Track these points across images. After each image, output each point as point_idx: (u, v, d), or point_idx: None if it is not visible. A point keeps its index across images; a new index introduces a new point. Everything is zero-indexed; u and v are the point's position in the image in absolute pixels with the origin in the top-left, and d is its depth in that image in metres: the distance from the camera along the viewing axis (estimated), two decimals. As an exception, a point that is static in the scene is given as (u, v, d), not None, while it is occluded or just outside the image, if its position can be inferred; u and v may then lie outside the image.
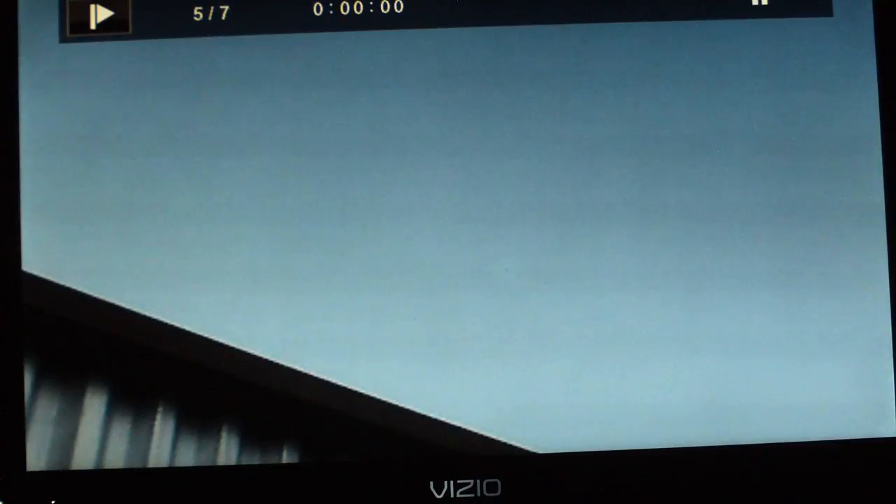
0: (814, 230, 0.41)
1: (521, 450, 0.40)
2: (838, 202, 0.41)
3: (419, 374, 0.40)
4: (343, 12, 0.41)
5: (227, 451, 0.40)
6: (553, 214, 0.41)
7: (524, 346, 0.40)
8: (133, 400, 0.40)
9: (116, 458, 0.40)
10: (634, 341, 0.40)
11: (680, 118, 0.41)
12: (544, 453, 0.40)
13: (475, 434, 0.40)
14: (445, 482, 0.40)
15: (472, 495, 0.40)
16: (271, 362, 0.40)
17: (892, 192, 0.41)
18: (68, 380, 0.40)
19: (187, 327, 0.40)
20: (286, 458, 0.40)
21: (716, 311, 0.40)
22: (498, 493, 0.40)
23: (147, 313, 0.40)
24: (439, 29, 0.41)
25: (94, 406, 0.40)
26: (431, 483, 0.40)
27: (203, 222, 0.40)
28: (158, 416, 0.40)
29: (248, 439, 0.40)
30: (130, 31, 0.41)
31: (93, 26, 0.41)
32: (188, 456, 0.40)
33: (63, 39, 0.41)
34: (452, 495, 0.40)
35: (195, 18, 0.41)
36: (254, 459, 0.40)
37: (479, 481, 0.40)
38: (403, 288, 0.40)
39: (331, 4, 0.41)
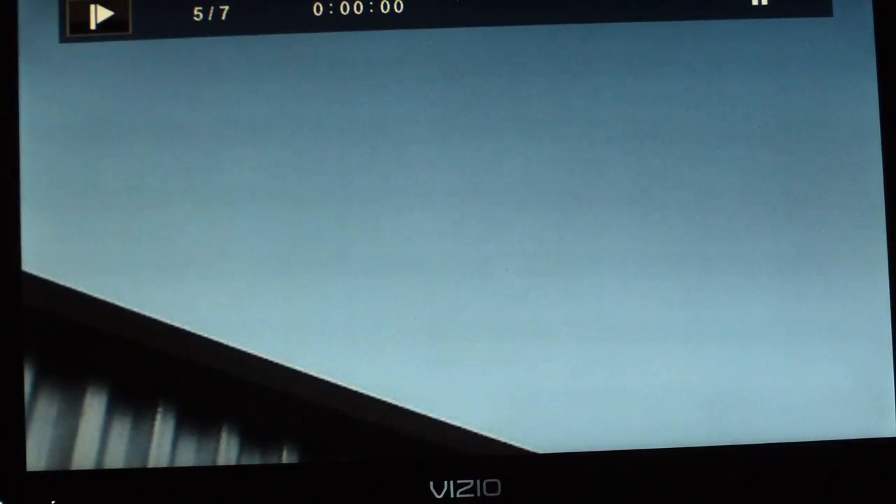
0: (814, 231, 0.41)
1: (521, 450, 0.40)
2: (838, 203, 0.41)
3: (419, 374, 0.40)
4: (343, 12, 0.41)
5: (227, 451, 0.40)
6: (553, 214, 0.41)
7: (524, 346, 0.40)
8: (133, 400, 0.40)
9: (116, 458, 0.40)
10: (634, 343, 0.40)
11: (680, 118, 0.41)
12: (544, 453, 0.40)
13: (475, 434, 0.40)
14: (445, 482, 0.40)
15: (472, 495, 0.40)
16: (271, 362, 0.40)
17: (891, 192, 0.41)
18: (68, 380, 0.40)
19: (187, 327, 0.40)
20: (286, 458, 0.40)
21: (716, 312, 0.40)
22: (498, 493, 0.40)
23: (147, 313, 0.40)
24: (439, 29, 0.41)
25: (94, 406, 0.40)
26: (431, 483, 0.40)
27: (203, 222, 0.40)
28: (158, 416, 0.40)
29: (248, 439, 0.40)
30: (130, 31, 0.41)
31: (93, 26, 0.41)
32: (188, 456, 0.40)
33: (63, 39, 0.41)
34: (452, 495, 0.40)
35: (195, 18, 0.41)
36: (254, 459, 0.40)
37: (479, 481, 0.40)
38: (403, 288, 0.40)
39: (331, 4, 0.41)
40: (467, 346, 0.40)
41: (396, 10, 0.41)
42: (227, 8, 0.41)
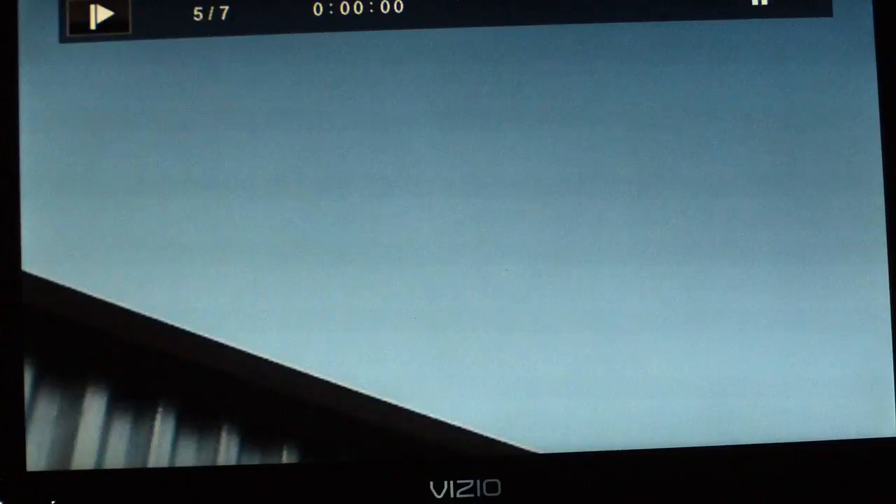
0: (814, 233, 0.41)
1: (521, 450, 0.40)
2: (838, 203, 0.41)
3: (419, 374, 0.40)
4: (343, 12, 0.41)
5: (227, 451, 0.40)
6: (553, 216, 0.41)
7: (524, 346, 0.40)
8: (133, 400, 0.40)
9: (116, 458, 0.40)
10: (634, 344, 0.40)
11: (680, 118, 0.41)
12: (544, 453, 0.40)
13: (475, 434, 0.40)
14: (445, 482, 0.40)
15: (472, 495, 0.40)
16: (271, 362, 0.40)
17: (892, 192, 0.41)
18: (68, 380, 0.40)
19: (186, 325, 0.40)
20: (286, 458, 0.40)
21: (716, 312, 0.40)
22: (498, 493, 0.40)
23: (146, 312, 0.40)
24: (439, 29, 0.41)
25: (94, 406, 0.40)
26: (431, 483, 0.40)
27: (203, 222, 0.40)
28: (158, 416, 0.40)
29: (248, 439, 0.40)
30: (130, 31, 0.41)
31: (93, 26, 0.41)
32: (188, 456, 0.40)
33: (63, 39, 0.41)
34: (452, 495, 0.40)
35: (195, 18, 0.41)
36: (254, 459, 0.40)
37: (479, 481, 0.40)
38: (403, 289, 0.40)
39: (331, 4, 0.41)
40: (467, 346, 0.40)
41: (396, 10, 0.41)
42: (227, 8, 0.41)
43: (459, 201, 0.41)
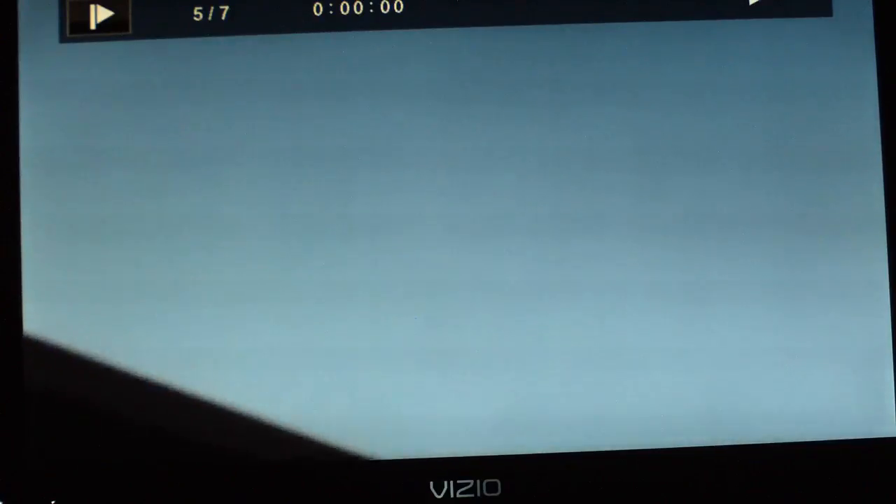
0: (813, 235, 0.41)
1: (520, 450, 0.40)
2: (838, 206, 0.41)
3: (418, 372, 0.40)
4: (343, 12, 0.41)
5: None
6: (552, 221, 0.41)
7: (524, 345, 0.40)
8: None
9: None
10: (634, 343, 0.40)
11: (678, 118, 0.41)
12: (544, 453, 0.40)
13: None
14: (445, 482, 0.40)
15: (472, 495, 0.40)
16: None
17: (892, 196, 0.41)
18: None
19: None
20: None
21: (715, 312, 0.40)
22: (498, 493, 0.40)
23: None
24: (439, 29, 0.41)
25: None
26: (431, 483, 0.40)
27: (203, 223, 0.40)
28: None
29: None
30: (130, 31, 0.41)
31: (93, 26, 0.41)
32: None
33: (63, 39, 0.41)
34: (452, 495, 0.40)
35: (195, 18, 0.41)
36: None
37: (479, 481, 0.40)
38: (403, 292, 0.40)
39: (331, 4, 0.41)
40: (467, 346, 0.40)
41: (396, 10, 0.41)
42: (227, 8, 0.41)
43: (459, 203, 0.41)
